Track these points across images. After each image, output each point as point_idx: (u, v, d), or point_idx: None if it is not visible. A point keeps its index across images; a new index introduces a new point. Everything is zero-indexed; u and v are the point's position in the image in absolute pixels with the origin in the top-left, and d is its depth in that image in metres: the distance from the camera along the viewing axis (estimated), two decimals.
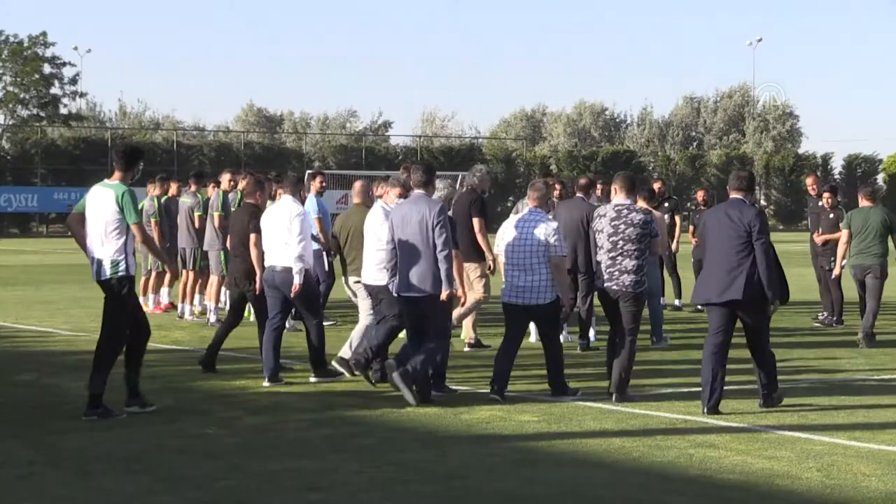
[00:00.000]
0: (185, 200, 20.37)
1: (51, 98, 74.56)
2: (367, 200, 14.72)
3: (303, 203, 18.62)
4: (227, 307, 20.63)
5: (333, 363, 13.65)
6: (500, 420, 11.17)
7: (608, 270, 12.35)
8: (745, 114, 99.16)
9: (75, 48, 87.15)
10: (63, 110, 75.88)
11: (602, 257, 12.41)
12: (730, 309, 11.60)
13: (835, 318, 19.46)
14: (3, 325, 19.24)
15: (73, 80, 75.62)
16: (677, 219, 21.21)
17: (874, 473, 9.07)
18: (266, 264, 13.68)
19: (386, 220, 12.80)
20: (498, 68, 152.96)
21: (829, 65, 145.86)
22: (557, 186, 18.30)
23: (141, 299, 21.30)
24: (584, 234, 15.49)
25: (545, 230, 12.34)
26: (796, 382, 13.49)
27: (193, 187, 20.49)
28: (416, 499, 8.41)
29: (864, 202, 17.96)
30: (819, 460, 9.50)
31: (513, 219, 12.81)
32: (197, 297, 20.37)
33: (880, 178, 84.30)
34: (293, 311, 18.99)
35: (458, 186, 16.69)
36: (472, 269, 15.69)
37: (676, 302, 21.90)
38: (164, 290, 21.47)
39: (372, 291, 13.35)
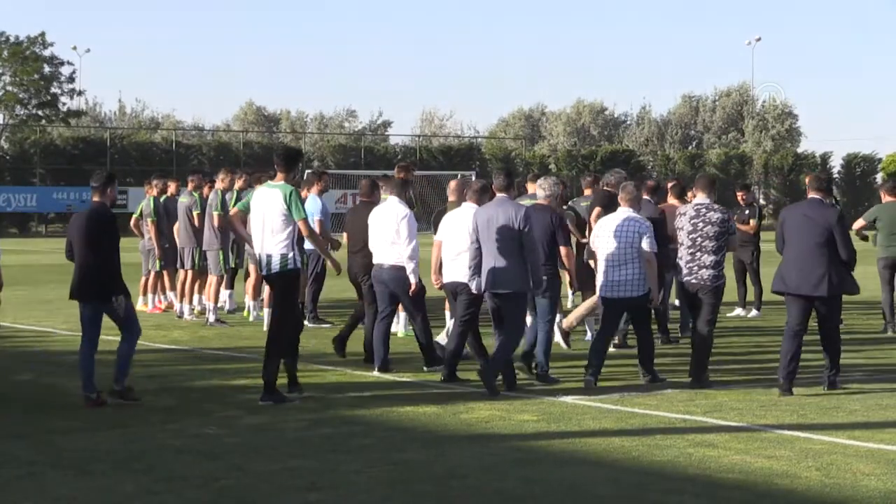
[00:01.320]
0: (183, 200, 20.36)
1: (50, 97, 74.54)
2: (462, 199, 14.97)
3: (304, 202, 18.80)
4: (227, 307, 20.78)
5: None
6: (500, 419, 11.18)
7: (688, 265, 13.33)
8: (745, 113, 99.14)
9: (74, 48, 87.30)
10: (62, 108, 75.86)
11: (682, 253, 13.40)
12: (809, 301, 12.65)
13: None
14: (3, 325, 19.23)
15: (71, 78, 75.63)
16: (752, 222, 20.94)
17: (873, 472, 9.07)
18: (374, 262, 14.22)
19: None
20: (497, 68, 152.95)
21: (828, 64, 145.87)
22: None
23: (140, 299, 21.42)
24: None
25: (638, 228, 13.28)
26: (795, 381, 13.51)
27: (191, 186, 20.47)
28: (416, 498, 8.42)
29: (887, 197, 18.63)
30: (818, 459, 9.50)
31: (607, 219, 13.67)
32: (196, 296, 20.36)
33: (879, 177, 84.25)
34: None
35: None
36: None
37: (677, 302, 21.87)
38: (170, 293, 21.41)
39: (454, 288, 13.67)
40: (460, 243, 13.45)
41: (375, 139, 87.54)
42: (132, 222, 21.74)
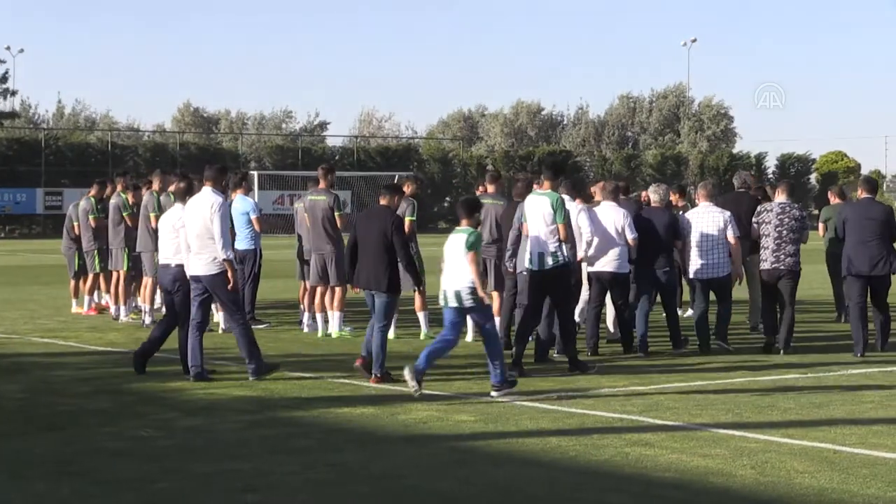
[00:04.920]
0: (113, 201, 20.33)
1: None
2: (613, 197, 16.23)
3: (231, 203, 18.86)
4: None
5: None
6: (437, 420, 11.19)
7: (774, 254, 15.82)
8: (681, 114, 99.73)
9: (8, 48, 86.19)
10: None
11: (769, 244, 15.84)
12: (866, 280, 15.61)
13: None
14: None
15: (3, 79, 74.71)
16: None
17: (807, 470, 9.16)
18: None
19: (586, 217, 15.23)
20: (437, 69, 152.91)
21: (763, 65, 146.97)
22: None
23: (73, 301, 21.25)
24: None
25: (721, 219, 16.03)
26: (730, 381, 13.63)
27: (120, 187, 20.47)
28: (353, 499, 8.41)
29: (834, 200, 20.20)
30: (753, 457, 9.58)
31: (692, 212, 16.34)
32: (131, 298, 20.22)
33: (813, 177, 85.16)
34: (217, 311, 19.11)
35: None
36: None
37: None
38: (105, 295, 21.25)
39: (605, 278, 15.75)
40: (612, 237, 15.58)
41: (313, 140, 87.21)
42: (67, 224, 21.67)
